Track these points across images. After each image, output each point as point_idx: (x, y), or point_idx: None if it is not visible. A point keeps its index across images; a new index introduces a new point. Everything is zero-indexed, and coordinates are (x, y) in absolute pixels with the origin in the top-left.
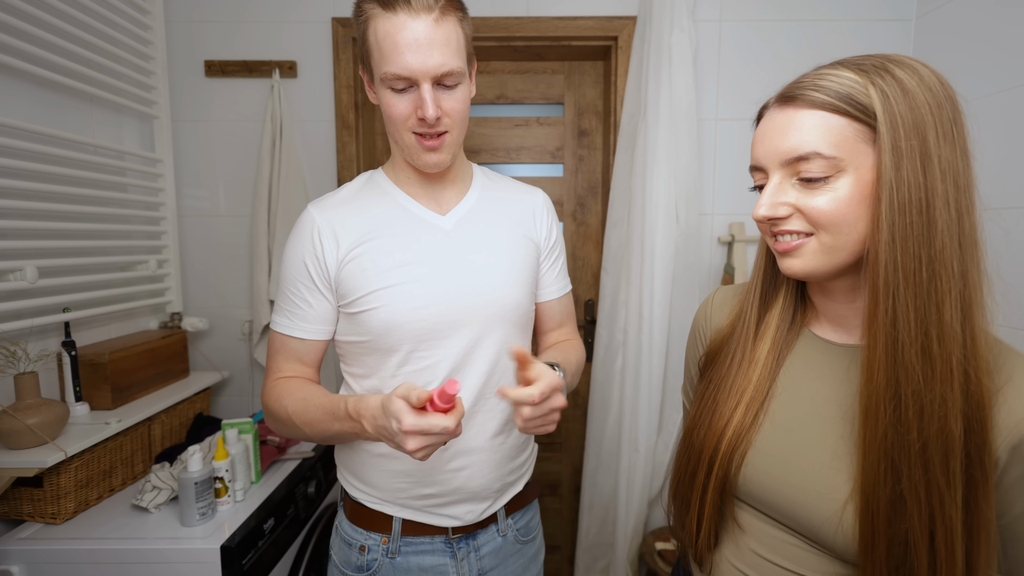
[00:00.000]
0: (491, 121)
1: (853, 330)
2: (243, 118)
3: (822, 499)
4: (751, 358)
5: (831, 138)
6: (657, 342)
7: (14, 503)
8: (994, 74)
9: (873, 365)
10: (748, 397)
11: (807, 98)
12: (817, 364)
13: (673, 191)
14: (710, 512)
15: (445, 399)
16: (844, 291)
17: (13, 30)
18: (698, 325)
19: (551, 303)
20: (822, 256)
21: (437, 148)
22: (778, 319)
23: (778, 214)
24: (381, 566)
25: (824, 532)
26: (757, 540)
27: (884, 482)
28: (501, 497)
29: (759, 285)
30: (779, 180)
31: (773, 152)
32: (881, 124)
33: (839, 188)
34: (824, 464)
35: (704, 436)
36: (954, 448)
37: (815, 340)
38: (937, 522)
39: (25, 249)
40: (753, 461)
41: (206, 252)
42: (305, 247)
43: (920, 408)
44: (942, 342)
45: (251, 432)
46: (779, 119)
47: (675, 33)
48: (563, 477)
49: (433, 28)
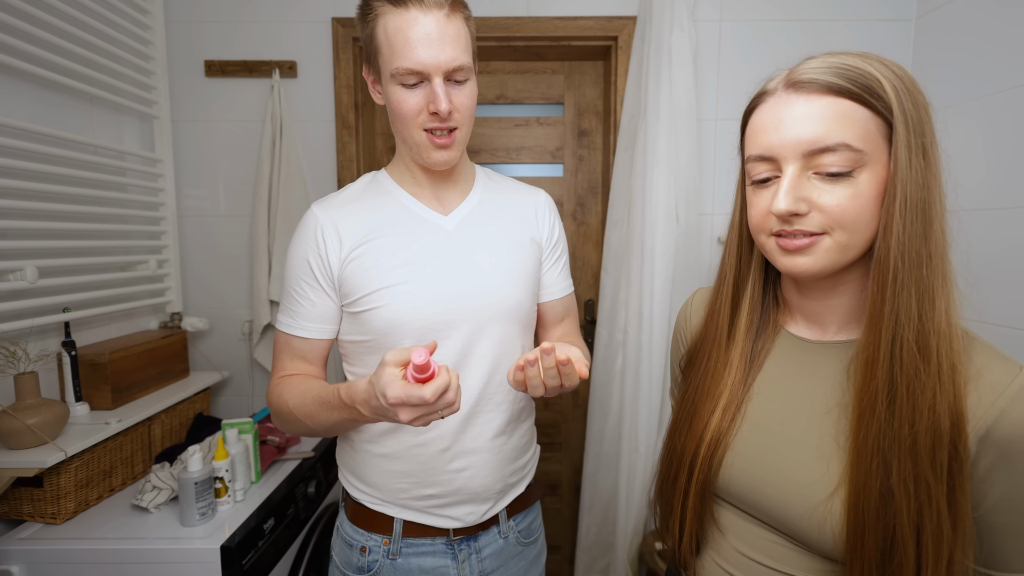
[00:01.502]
0: (491, 121)
1: (828, 327)
2: (243, 118)
3: (803, 495)
4: (726, 360)
5: (857, 130)
6: (657, 342)
7: (14, 503)
8: (994, 74)
9: (875, 360)
10: (725, 400)
11: (828, 85)
12: (794, 362)
13: (673, 191)
14: (692, 516)
15: (418, 370)
16: (823, 289)
17: (13, 30)
18: (679, 327)
19: (553, 303)
20: (835, 254)
21: (448, 145)
22: (747, 320)
23: (800, 210)
24: (382, 567)
25: (805, 528)
26: (740, 539)
27: (875, 476)
28: (503, 498)
29: (729, 288)
30: (797, 172)
31: (792, 141)
32: (897, 119)
33: (860, 184)
34: (805, 461)
35: (684, 440)
36: (942, 441)
37: (791, 339)
38: (925, 515)
39: (25, 249)
40: (733, 461)
41: (206, 252)
42: (308, 246)
43: (914, 402)
44: (937, 336)
45: (251, 432)
46: (798, 105)
47: (675, 33)
48: (563, 477)
49: (444, 23)
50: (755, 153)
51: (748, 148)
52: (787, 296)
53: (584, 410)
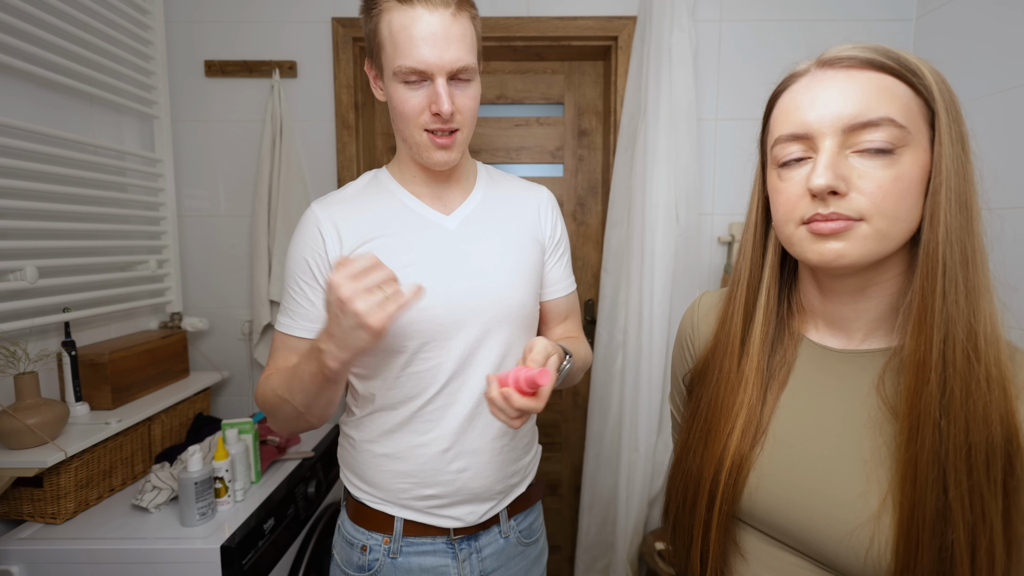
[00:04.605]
0: (491, 121)
1: (854, 333)
2: (243, 118)
3: (840, 518)
4: (740, 374)
5: (899, 105)
6: (657, 342)
7: (14, 503)
8: (994, 74)
9: (926, 363)
10: (744, 417)
11: (868, 60)
12: (819, 374)
13: (673, 191)
14: (716, 549)
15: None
16: (851, 291)
17: (13, 30)
18: (684, 334)
19: (556, 301)
20: (873, 244)
21: (449, 146)
22: (762, 330)
23: (839, 188)
24: (383, 566)
25: (845, 553)
26: (765, 566)
27: (932, 490)
28: (503, 499)
29: (743, 292)
30: (835, 149)
31: (831, 115)
32: (939, 104)
33: (903, 165)
34: (839, 481)
35: (701, 462)
36: (996, 453)
37: (815, 348)
38: (979, 533)
39: (25, 249)
40: (758, 484)
41: (206, 252)
42: (308, 245)
43: (968, 408)
44: (987, 339)
45: (251, 432)
46: (837, 80)
47: (675, 33)
48: (563, 477)
49: (450, 22)
50: (787, 132)
51: (777, 130)
52: (807, 301)
53: (584, 410)
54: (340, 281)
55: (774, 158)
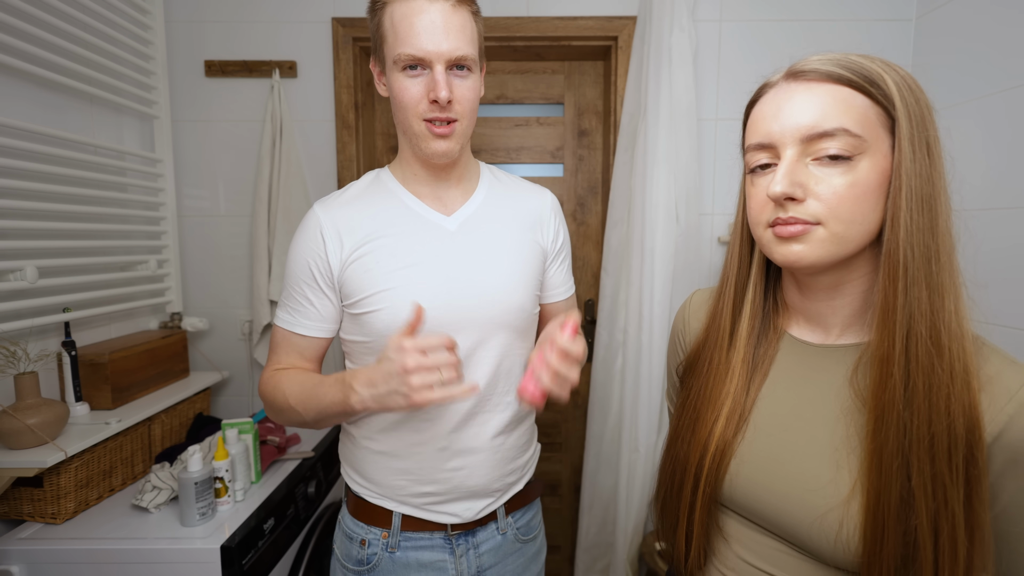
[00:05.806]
0: (491, 121)
1: (831, 329)
2: (243, 118)
3: (811, 503)
4: (727, 365)
5: (855, 116)
6: (657, 342)
7: (14, 503)
8: (994, 74)
9: (890, 357)
10: (728, 407)
11: (828, 73)
12: (798, 367)
13: (673, 191)
14: (699, 529)
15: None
16: (826, 289)
17: (13, 30)
18: (676, 330)
19: (557, 304)
20: (829, 246)
21: (447, 135)
22: (748, 324)
23: (795, 194)
24: (381, 560)
25: (816, 536)
26: (746, 548)
27: (896, 478)
28: (501, 496)
29: (731, 290)
30: (795, 157)
31: (791, 126)
32: (900, 112)
33: (859, 171)
34: (813, 468)
35: (688, 448)
36: (958, 444)
37: (794, 343)
38: (941, 519)
39: (25, 249)
40: (738, 470)
41: (206, 252)
42: (309, 247)
43: (930, 400)
44: (949, 335)
45: (251, 432)
46: (799, 92)
47: (675, 33)
48: (563, 477)
49: (450, 13)
50: (755, 141)
51: (748, 138)
52: (789, 298)
53: (584, 410)
54: (409, 349)
55: (746, 164)
